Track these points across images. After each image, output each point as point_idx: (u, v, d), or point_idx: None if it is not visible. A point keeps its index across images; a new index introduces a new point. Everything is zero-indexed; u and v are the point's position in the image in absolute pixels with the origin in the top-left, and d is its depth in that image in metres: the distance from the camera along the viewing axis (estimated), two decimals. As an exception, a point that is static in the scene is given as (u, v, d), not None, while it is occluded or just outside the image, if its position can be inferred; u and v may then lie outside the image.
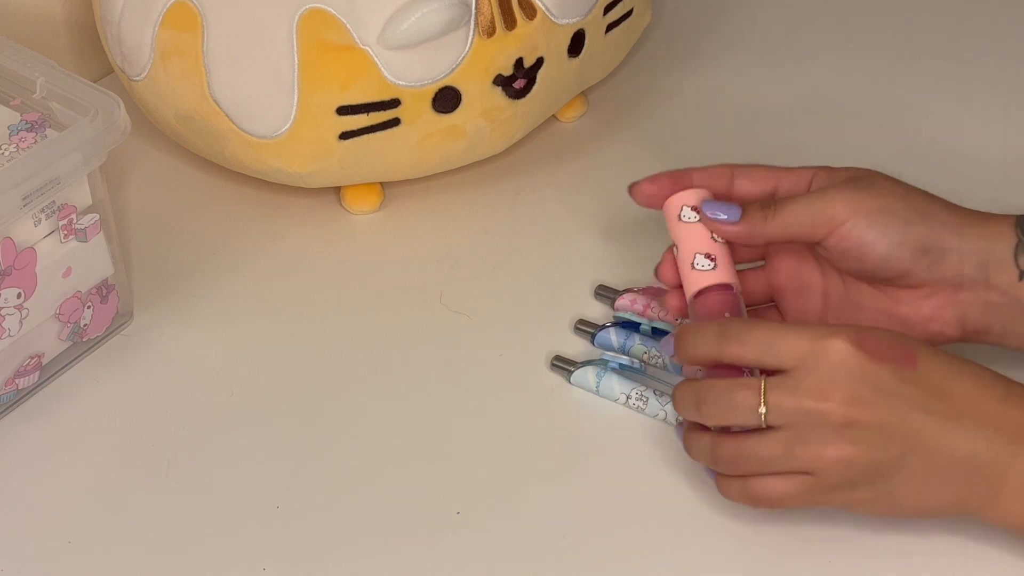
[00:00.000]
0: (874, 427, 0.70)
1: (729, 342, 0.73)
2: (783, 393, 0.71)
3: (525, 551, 0.77)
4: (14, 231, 0.80)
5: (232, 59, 0.88)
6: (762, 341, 0.72)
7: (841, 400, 0.70)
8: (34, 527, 0.79)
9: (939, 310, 0.78)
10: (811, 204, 0.77)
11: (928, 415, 0.71)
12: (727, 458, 0.73)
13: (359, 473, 0.81)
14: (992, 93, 1.03)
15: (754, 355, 0.72)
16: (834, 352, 0.70)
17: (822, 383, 0.70)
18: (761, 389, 0.71)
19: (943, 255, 0.76)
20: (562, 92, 0.96)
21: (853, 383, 0.70)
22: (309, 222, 0.96)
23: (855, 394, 0.70)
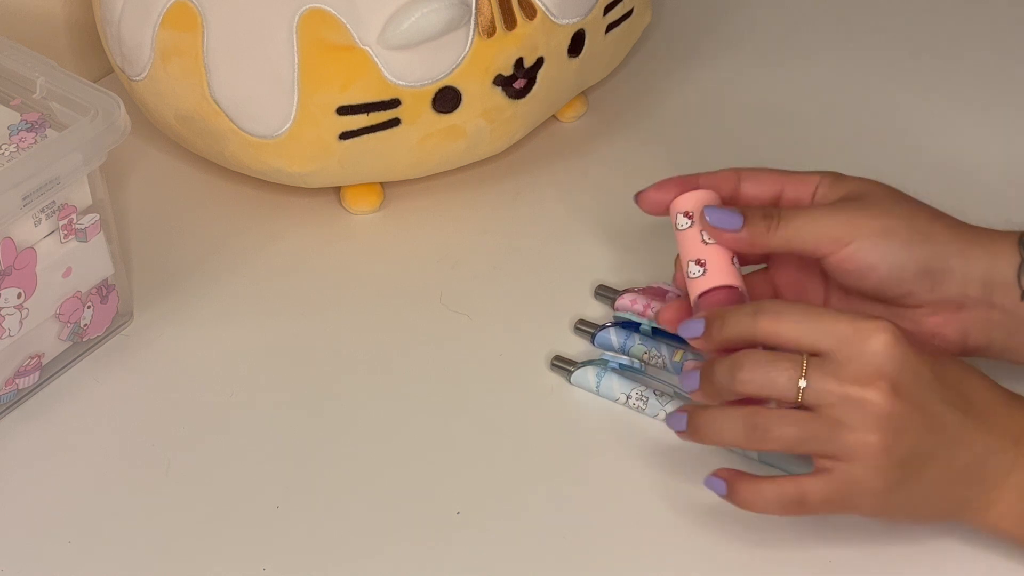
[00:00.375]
0: (913, 418, 0.70)
1: (766, 317, 0.71)
2: (825, 374, 0.70)
3: (525, 551, 0.77)
4: (14, 231, 0.80)
5: (232, 59, 0.88)
6: (802, 317, 0.71)
7: (885, 389, 0.69)
8: (34, 527, 0.79)
9: (941, 327, 0.77)
10: (815, 221, 0.76)
11: (955, 411, 0.70)
12: (763, 429, 0.71)
13: (359, 473, 0.81)
14: (992, 93, 1.03)
15: (792, 332, 0.71)
16: (878, 338, 0.70)
17: (866, 369, 0.69)
18: (803, 364, 0.70)
19: (945, 276, 0.76)
20: (562, 92, 0.96)
21: (898, 371, 0.69)
22: (309, 222, 0.96)
23: (899, 383, 0.69)
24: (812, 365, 0.70)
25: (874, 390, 0.69)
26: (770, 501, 0.72)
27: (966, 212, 0.79)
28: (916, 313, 0.77)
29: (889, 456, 0.70)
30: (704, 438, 0.73)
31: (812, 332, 0.70)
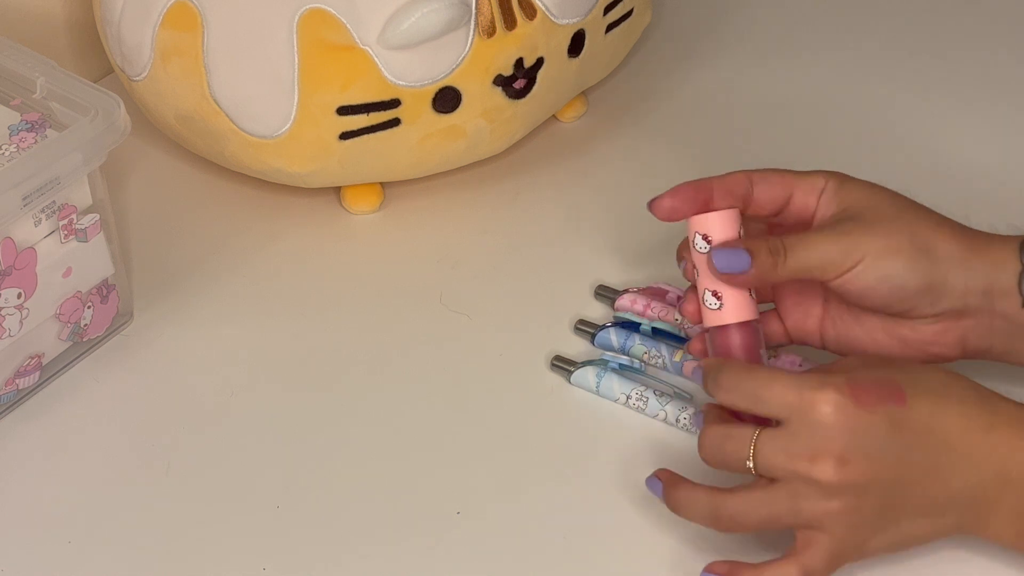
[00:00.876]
0: (871, 481, 0.70)
1: (720, 390, 0.73)
2: (774, 449, 0.71)
3: (525, 551, 0.77)
4: (14, 231, 0.80)
5: (232, 59, 0.88)
6: (751, 391, 0.72)
7: (832, 463, 0.70)
8: (34, 527, 0.79)
9: (940, 334, 0.77)
10: (819, 249, 0.76)
11: (923, 453, 0.71)
12: (728, 518, 0.72)
13: (359, 473, 0.81)
14: (992, 92, 1.03)
15: (744, 404, 0.73)
16: (824, 404, 0.70)
17: (812, 444, 0.70)
18: (751, 441, 0.72)
19: (946, 291, 0.76)
20: (562, 92, 0.96)
21: (844, 442, 0.70)
22: (309, 222, 0.96)
23: (846, 454, 0.70)
24: (761, 440, 0.71)
25: (821, 465, 0.70)
26: None
27: (966, 212, 0.79)
28: (916, 323, 0.77)
29: (858, 513, 0.71)
30: (678, 513, 0.75)
31: (761, 403, 0.72)
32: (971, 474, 0.71)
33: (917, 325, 0.77)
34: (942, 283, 0.76)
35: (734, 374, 0.73)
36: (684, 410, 0.82)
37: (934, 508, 0.71)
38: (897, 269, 0.75)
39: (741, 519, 0.72)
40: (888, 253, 0.75)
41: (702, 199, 0.78)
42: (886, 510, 0.71)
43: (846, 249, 0.76)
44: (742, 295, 0.78)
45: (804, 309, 0.81)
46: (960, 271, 0.76)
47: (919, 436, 0.71)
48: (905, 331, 0.78)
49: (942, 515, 0.72)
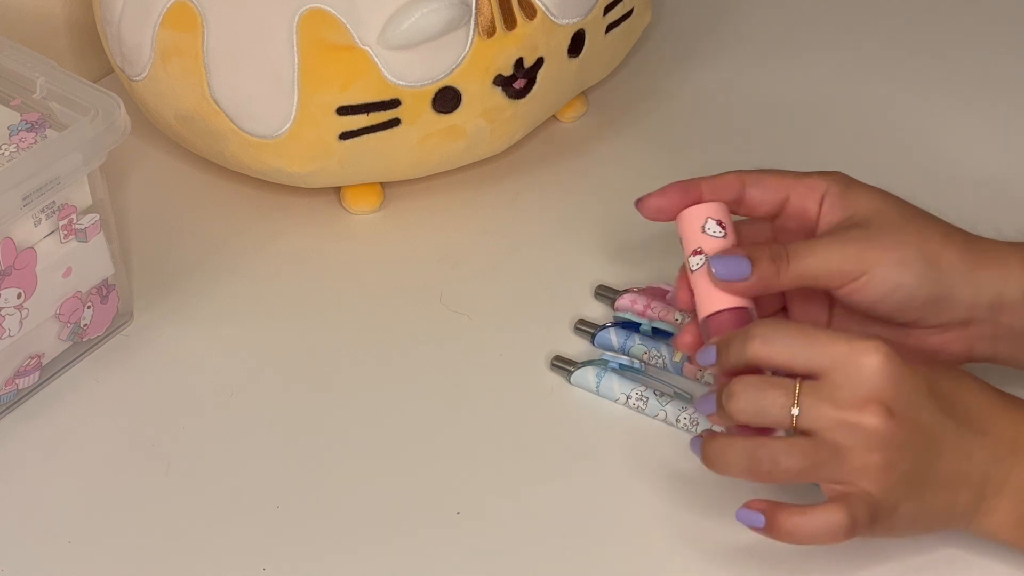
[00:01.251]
0: (912, 434, 0.70)
1: (755, 343, 0.71)
2: (819, 400, 0.69)
3: (525, 551, 0.77)
4: (14, 231, 0.80)
5: (232, 59, 0.88)
6: (792, 340, 0.70)
7: (880, 411, 0.69)
8: (34, 527, 0.79)
9: (946, 344, 0.77)
10: (825, 257, 0.75)
11: (951, 421, 0.70)
12: (769, 461, 0.70)
13: (359, 473, 0.81)
14: (993, 92, 1.03)
15: (783, 356, 0.70)
16: (875, 354, 0.69)
17: (863, 390, 0.69)
18: (795, 390, 0.70)
19: (953, 303, 0.76)
20: (562, 92, 0.96)
21: (893, 391, 0.69)
22: (309, 222, 0.96)
23: (894, 403, 0.69)
24: (805, 391, 0.70)
25: (870, 414, 0.69)
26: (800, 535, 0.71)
27: (969, 213, 0.79)
28: (922, 333, 0.77)
29: (893, 473, 0.70)
30: (715, 468, 0.72)
31: (804, 355, 0.70)
32: (987, 449, 0.71)
33: (923, 335, 0.77)
34: (949, 296, 0.75)
35: (770, 327, 0.71)
36: (684, 410, 0.82)
37: (954, 481, 0.71)
38: (904, 282, 0.75)
39: (783, 464, 0.70)
40: (896, 265, 0.75)
41: (691, 199, 0.78)
42: (916, 474, 0.70)
43: (852, 259, 0.75)
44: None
45: (810, 315, 0.80)
46: (967, 285, 0.76)
47: (949, 404, 0.71)
48: (911, 341, 0.77)
49: (958, 490, 0.71)
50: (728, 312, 0.76)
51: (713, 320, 0.76)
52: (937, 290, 0.75)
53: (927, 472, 0.70)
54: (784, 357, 0.70)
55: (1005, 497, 0.71)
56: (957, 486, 0.71)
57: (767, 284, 0.75)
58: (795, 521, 0.71)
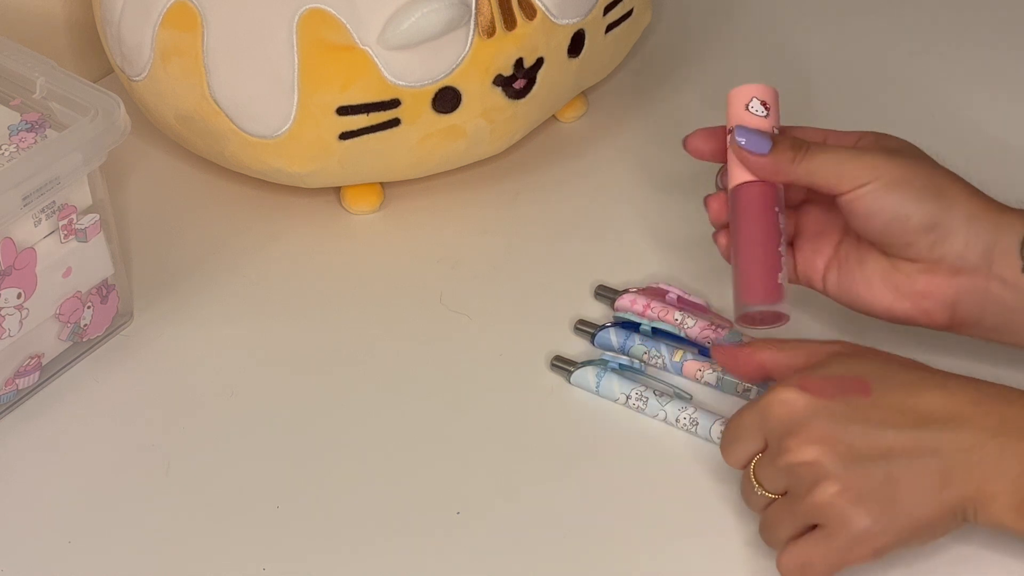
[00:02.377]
0: (844, 454, 0.71)
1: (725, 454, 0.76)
2: (763, 465, 0.74)
3: (525, 551, 0.77)
4: (14, 231, 0.80)
5: (232, 59, 0.88)
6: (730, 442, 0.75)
7: (803, 444, 0.71)
8: (34, 527, 0.79)
9: (933, 288, 0.78)
10: (839, 159, 0.78)
11: (896, 429, 0.71)
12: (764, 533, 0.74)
13: (359, 473, 0.81)
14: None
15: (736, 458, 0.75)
16: (779, 403, 0.72)
17: (782, 438, 0.72)
18: (751, 473, 0.74)
19: (948, 235, 0.77)
20: (562, 92, 0.96)
21: (808, 423, 0.71)
22: (309, 222, 0.96)
23: (813, 433, 0.71)
24: (755, 467, 0.74)
25: (791, 451, 0.72)
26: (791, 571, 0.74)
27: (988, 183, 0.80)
28: (912, 267, 0.78)
29: (847, 496, 0.71)
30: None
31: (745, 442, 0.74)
32: (963, 437, 0.71)
33: (913, 272, 0.78)
34: (946, 228, 0.77)
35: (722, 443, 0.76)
36: (684, 410, 0.82)
37: (931, 478, 0.71)
38: (905, 199, 0.77)
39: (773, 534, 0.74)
40: (901, 182, 0.77)
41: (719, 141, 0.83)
42: (877, 490, 0.71)
43: (863, 166, 0.77)
44: None
45: (817, 247, 0.82)
46: (965, 224, 0.77)
47: (887, 416, 0.71)
48: (900, 278, 0.79)
49: (943, 486, 0.71)
50: (756, 184, 0.79)
51: (741, 190, 0.79)
52: (935, 218, 0.77)
53: (892, 482, 0.71)
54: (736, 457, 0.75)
55: (998, 483, 0.71)
56: (938, 485, 0.71)
57: (781, 167, 0.79)
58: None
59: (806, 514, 0.72)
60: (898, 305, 0.79)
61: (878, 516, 0.71)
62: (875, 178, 0.77)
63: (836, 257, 0.81)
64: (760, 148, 0.79)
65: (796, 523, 0.72)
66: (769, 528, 0.74)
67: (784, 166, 0.79)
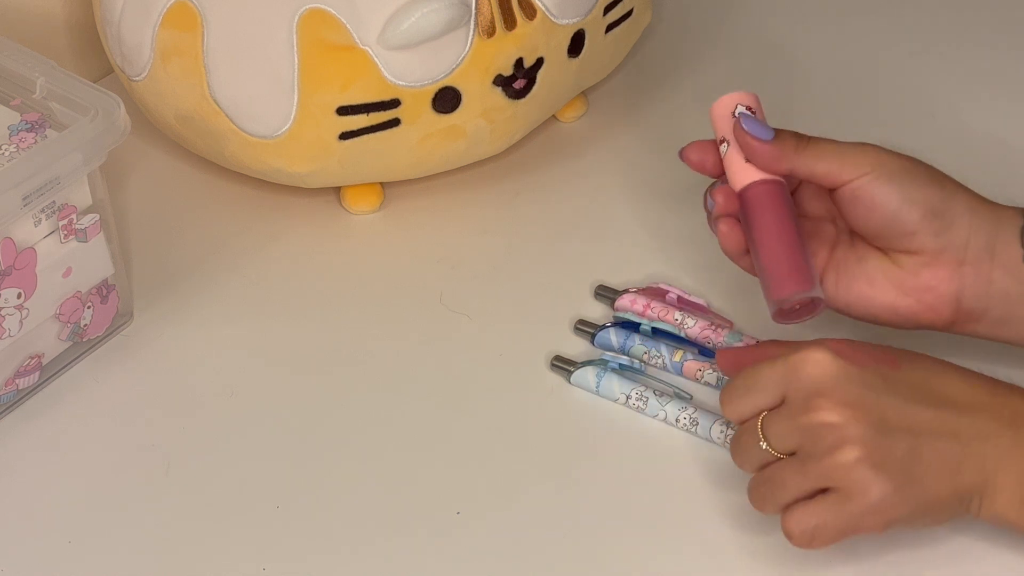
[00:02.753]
0: (874, 423, 0.70)
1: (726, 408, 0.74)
2: (776, 421, 0.72)
3: (525, 551, 0.77)
4: (14, 231, 0.80)
5: (232, 59, 0.88)
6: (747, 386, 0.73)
7: (833, 406, 0.70)
8: (34, 527, 0.79)
9: (939, 281, 0.78)
10: (842, 149, 0.78)
11: (923, 406, 0.71)
12: (758, 492, 0.73)
13: (359, 473, 0.81)
14: (1000, 83, 1.03)
15: (748, 408, 0.73)
16: (812, 363, 0.71)
17: (809, 396, 0.71)
18: (758, 424, 0.72)
19: (952, 223, 0.77)
20: (562, 92, 0.96)
21: (841, 387, 0.71)
22: (309, 222, 0.96)
23: (845, 396, 0.70)
24: (765, 421, 0.72)
25: (820, 411, 0.71)
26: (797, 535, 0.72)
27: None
28: (914, 261, 0.78)
29: (869, 463, 0.70)
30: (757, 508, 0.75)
31: (759, 395, 0.73)
32: (980, 426, 0.71)
33: (917, 268, 0.78)
34: (949, 216, 0.77)
35: (729, 388, 0.74)
36: (684, 410, 0.82)
37: (948, 461, 0.71)
38: (909, 186, 0.77)
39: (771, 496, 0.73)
40: (903, 171, 0.78)
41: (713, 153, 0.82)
42: (896, 462, 0.70)
43: (865, 154, 0.78)
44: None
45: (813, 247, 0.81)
46: (968, 213, 0.77)
47: (917, 390, 0.71)
48: (903, 274, 0.79)
49: (957, 470, 0.71)
50: (762, 182, 0.79)
51: (749, 190, 0.79)
52: (938, 203, 0.77)
53: (911, 457, 0.70)
54: (749, 407, 0.73)
55: (1008, 475, 0.71)
56: (954, 468, 0.71)
57: (784, 154, 0.79)
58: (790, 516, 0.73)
59: (820, 476, 0.71)
60: (902, 302, 0.79)
61: (897, 487, 0.70)
62: (878, 166, 0.77)
63: (833, 259, 0.81)
64: (764, 134, 0.79)
65: (805, 485, 0.71)
66: (768, 487, 0.72)
67: (787, 153, 0.79)
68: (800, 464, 0.71)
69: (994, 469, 0.71)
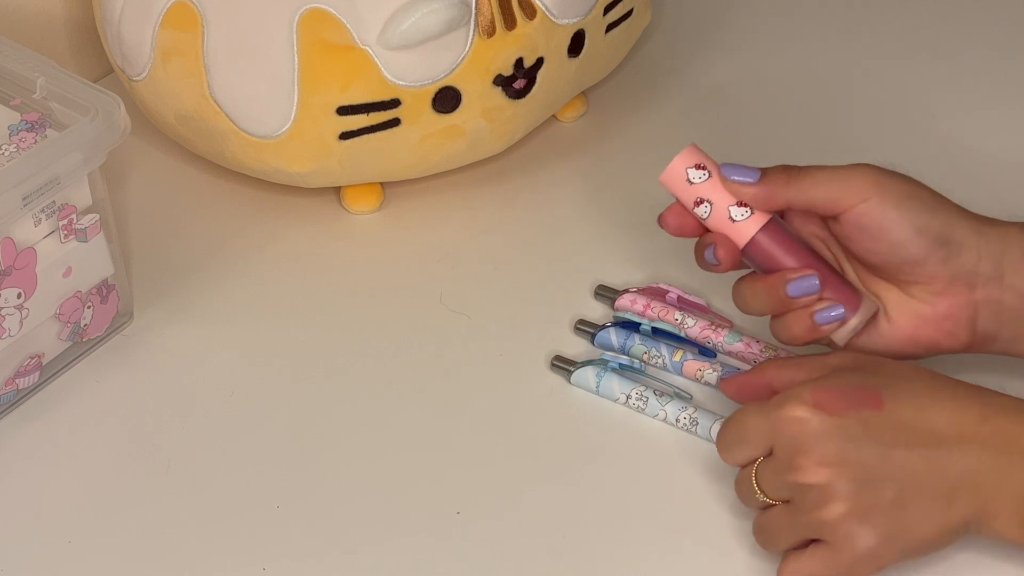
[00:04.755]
0: (857, 477, 0.70)
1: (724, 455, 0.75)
2: (767, 475, 0.73)
3: (525, 551, 0.77)
4: (14, 231, 0.80)
5: (232, 59, 0.88)
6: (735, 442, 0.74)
7: (815, 466, 0.70)
8: (34, 527, 0.79)
9: (956, 308, 0.77)
10: (837, 174, 0.76)
11: (908, 448, 0.71)
12: (760, 538, 0.74)
13: (359, 473, 0.81)
14: (1004, 90, 1.03)
15: (741, 456, 0.74)
16: (792, 422, 0.71)
17: (792, 455, 0.71)
18: (752, 475, 0.73)
19: (960, 249, 0.76)
20: (562, 92, 0.96)
21: (821, 444, 0.71)
22: (309, 222, 0.96)
23: (826, 455, 0.70)
24: (758, 471, 0.73)
25: (802, 470, 0.71)
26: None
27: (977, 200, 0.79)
28: (926, 290, 0.77)
29: (855, 518, 0.71)
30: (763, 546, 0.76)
31: (749, 447, 0.73)
32: (970, 459, 0.70)
33: (931, 297, 0.77)
34: (957, 239, 0.75)
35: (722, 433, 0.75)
36: (684, 410, 0.82)
37: (936, 500, 0.71)
38: (916, 210, 0.75)
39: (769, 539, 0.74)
40: (906, 195, 0.75)
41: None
42: (883, 509, 0.71)
43: (863, 179, 0.75)
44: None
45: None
46: (974, 235, 0.76)
47: (899, 435, 0.71)
48: (917, 304, 0.77)
49: (948, 508, 0.71)
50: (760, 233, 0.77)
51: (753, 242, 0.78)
52: (946, 229, 0.75)
53: (900, 502, 0.71)
54: (742, 456, 0.74)
55: (1004, 501, 0.71)
56: (945, 501, 0.71)
57: (775, 190, 0.76)
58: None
59: (809, 528, 0.72)
60: (921, 332, 0.78)
61: (884, 536, 0.71)
62: (879, 191, 0.75)
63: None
64: (749, 176, 0.77)
65: (797, 535, 0.72)
66: (766, 533, 0.74)
67: (779, 189, 0.76)
68: (791, 514, 0.72)
69: (988, 497, 0.71)
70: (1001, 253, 0.76)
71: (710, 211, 0.78)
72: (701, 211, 0.79)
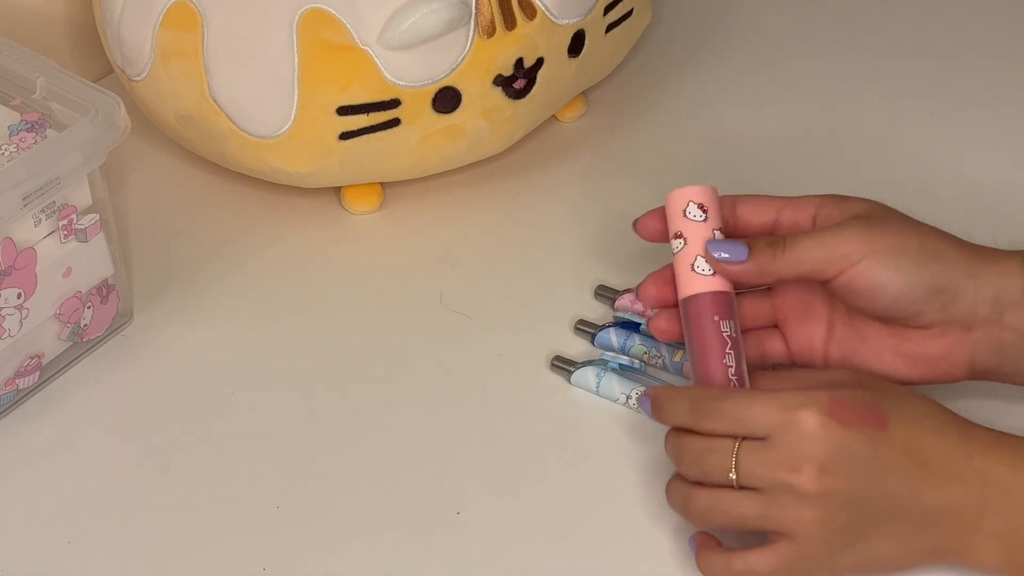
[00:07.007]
0: (849, 493, 0.70)
1: (700, 417, 0.73)
2: (755, 461, 0.71)
3: (525, 551, 0.77)
4: (14, 231, 0.80)
5: (232, 59, 0.88)
6: (733, 414, 0.72)
7: (814, 472, 0.70)
8: (34, 527, 0.79)
9: (949, 349, 0.76)
10: (823, 241, 0.75)
11: (900, 476, 0.71)
12: (700, 510, 0.73)
13: (359, 473, 0.81)
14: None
15: (727, 428, 0.72)
16: (805, 423, 0.70)
17: (794, 455, 0.70)
18: (733, 452, 0.71)
19: (956, 296, 0.75)
20: (562, 92, 0.96)
21: (826, 453, 0.70)
22: (309, 222, 0.96)
23: (827, 465, 0.70)
24: (742, 452, 0.71)
25: (803, 473, 0.70)
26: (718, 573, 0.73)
27: (968, 228, 0.79)
28: (924, 335, 0.76)
29: (827, 527, 0.71)
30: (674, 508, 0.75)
31: (744, 425, 0.71)
32: (950, 495, 0.71)
33: (925, 339, 0.76)
34: (953, 287, 0.75)
35: (714, 398, 0.73)
36: (684, 410, 0.82)
37: (907, 526, 0.71)
38: (908, 266, 0.74)
39: (709, 515, 0.72)
40: (899, 251, 0.74)
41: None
42: (856, 525, 0.71)
43: (852, 242, 0.74)
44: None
45: (808, 329, 0.79)
46: (969, 279, 0.75)
47: (898, 458, 0.71)
48: (912, 346, 0.77)
49: (916, 535, 0.71)
50: (707, 295, 0.76)
51: (691, 302, 0.77)
52: (941, 279, 0.74)
53: (867, 523, 0.71)
54: (727, 427, 0.72)
55: (981, 538, 0.71)
56: (914, 530, 0.71)
57: (763, 268, 0.75)
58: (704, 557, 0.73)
59: (775, 523, 0.71)
60: (914, 371, 0.77)
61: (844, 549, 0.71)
62: (868, 252, 0.74)
63: (832, 335, 0.79)
64: (738, 256, 0.75)
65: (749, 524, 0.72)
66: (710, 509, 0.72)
67: (767, 266, 0.75)
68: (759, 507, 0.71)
69: (964, 531, 0.71)
70: (997, 293, 0.75)
71: (680, 248, 0.78)
72: (674, 244, 0.78)
